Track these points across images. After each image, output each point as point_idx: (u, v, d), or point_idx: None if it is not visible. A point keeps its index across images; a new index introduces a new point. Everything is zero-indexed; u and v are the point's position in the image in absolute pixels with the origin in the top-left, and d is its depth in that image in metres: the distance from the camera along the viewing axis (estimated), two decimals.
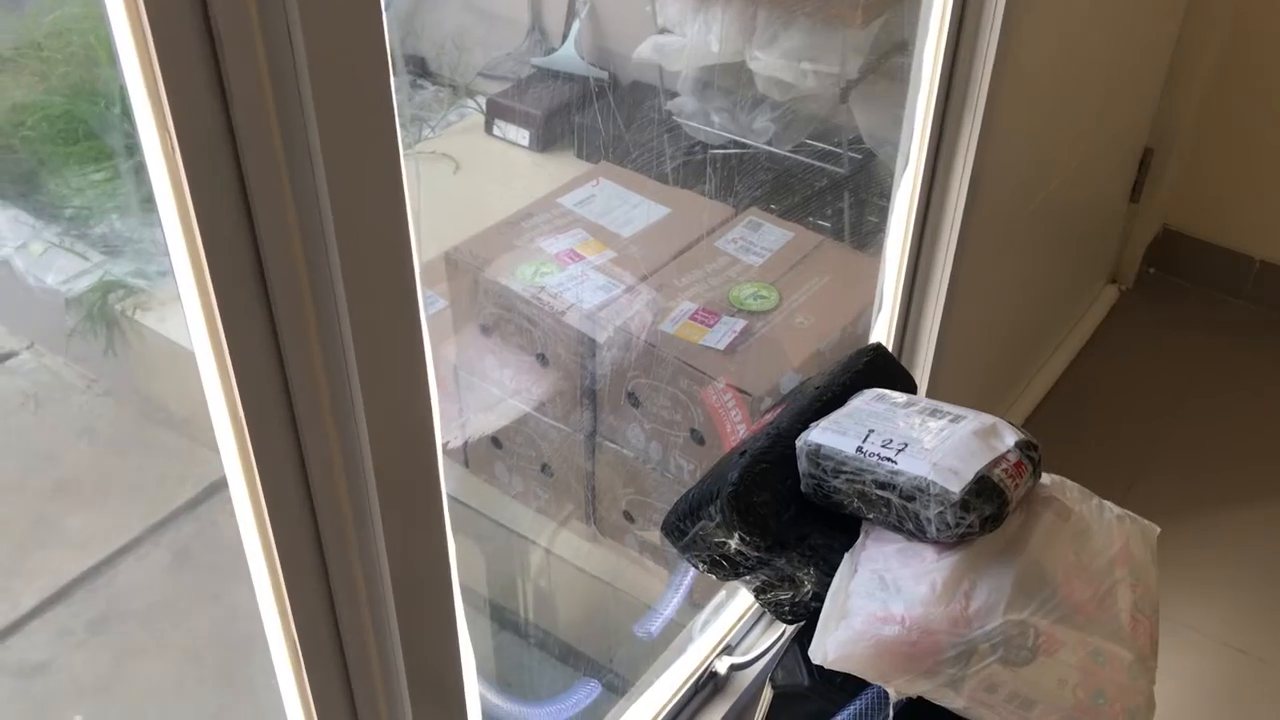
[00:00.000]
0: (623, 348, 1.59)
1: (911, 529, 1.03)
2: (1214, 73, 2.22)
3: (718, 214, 1.81)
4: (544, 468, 1.78)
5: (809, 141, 2.27)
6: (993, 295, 1.78)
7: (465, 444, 1.87)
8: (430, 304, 1.82)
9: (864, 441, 1.06)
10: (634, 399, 1.61)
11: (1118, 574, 1.05)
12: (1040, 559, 1.03)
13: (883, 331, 1.51)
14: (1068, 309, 2.28)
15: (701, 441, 1.55)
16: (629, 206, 1.80)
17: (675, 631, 1.60)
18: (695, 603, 1.63)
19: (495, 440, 1.82)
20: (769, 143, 2.25)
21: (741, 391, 1.48)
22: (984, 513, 0.99)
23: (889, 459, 1.04)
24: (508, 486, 1.86)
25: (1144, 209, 2.35)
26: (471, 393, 1.81)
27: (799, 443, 1.10)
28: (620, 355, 1.60)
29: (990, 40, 1.27)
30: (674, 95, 2.37)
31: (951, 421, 1.07)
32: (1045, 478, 1.09)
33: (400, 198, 0.70)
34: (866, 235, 2.03)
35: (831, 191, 2.21)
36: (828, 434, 1.09)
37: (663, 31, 2.29)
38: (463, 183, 2.56)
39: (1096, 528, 1.08)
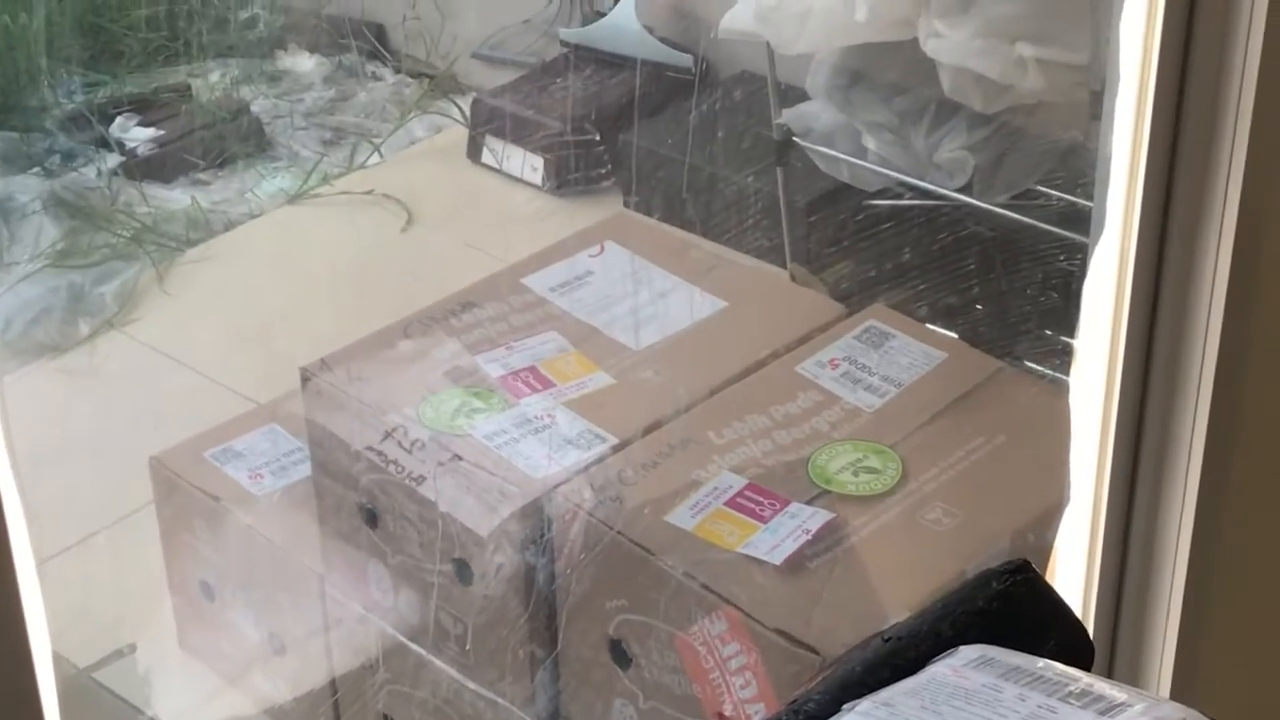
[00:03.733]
0: (601, 557, 1.61)
1: None
2: None
3: (814, 313, 1.84)
4: None
5: (1042, 190, 2.29)
6: None
7: None
8: (293, 464, 1.89)
9: None
10: (620, 652, 1.63)
11: None
12: None
13: (1078, 549, 1.50)
14: None
15: None
16: (652, 295, 1.85)
17: None
18: None
19: None
20: (967, 189, 2.29)
21: (800, 646, 1.48)
22: None
23: None
24: None
25: None
26: (348, 634, 1.85)
27: None
28: (597, 570, 1.61)
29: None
30: (800, 98, 2.44)
31: (1101, 713, 1.05)
32: None
33: None
34: None
35: (1072, 280, 2.22)
36: None
37: None
38: (412, 247, 2.65)
39: None
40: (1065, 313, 2.03)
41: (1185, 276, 1.40)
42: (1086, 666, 1.23)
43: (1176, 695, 1.56)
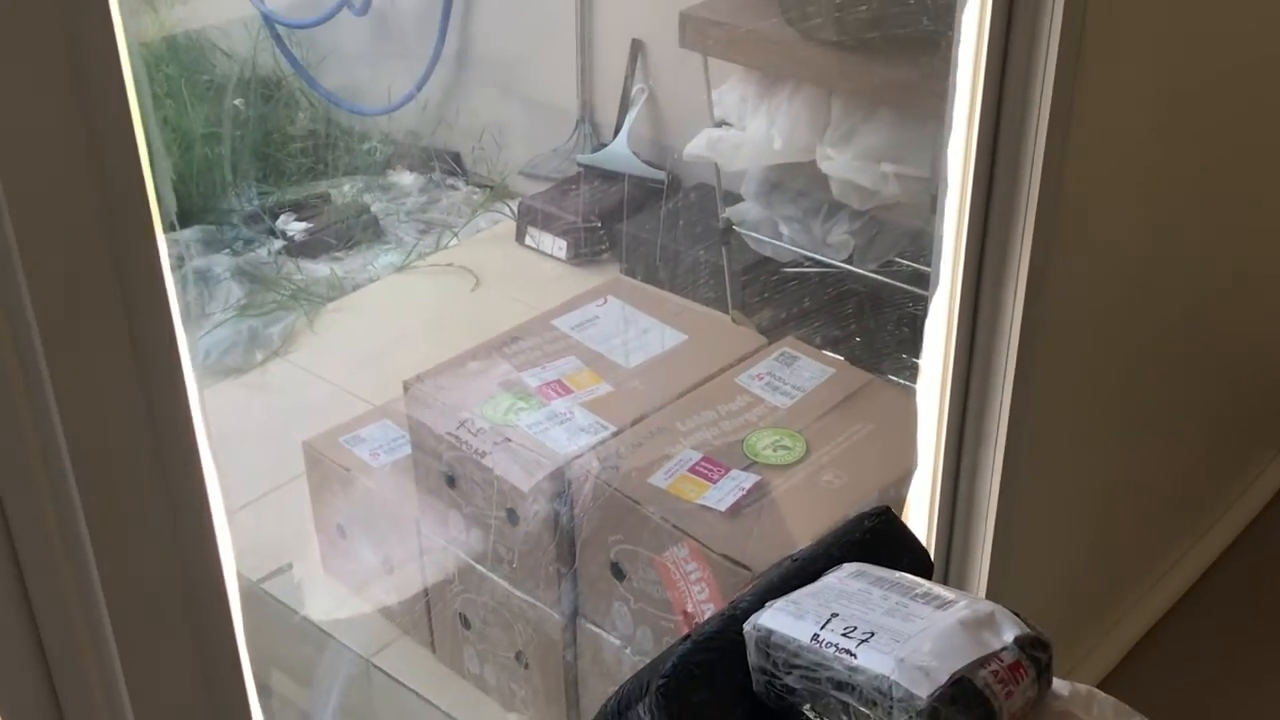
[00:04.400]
0: (604, 506, 1.60)
1: None
2: None
3: (746, 343, 1.83)
4: (518, 656, 1.79)
5: (899, 260, 2.29)
6: (1089, 461, 1.73)
7: (430, 622, 1.89)
8: (397, 446, 1.87)
9: (822, 628, 1.04)
10: (618, 570, 1.61)
11: None
12: None
13: (922, 499, 1.49)
14: (1218, 486, 2.20)
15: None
16: (638, 331, 1.84)
17: None
18: None
19: (464, 619, 1.83)
20: (848, 260, 2.28)
21: (738, 565, 1.47)
22: None
23: (848, 651, 1.01)
24: (480, 680, 1.86)
25: None
26: (436, 559, 1.84)
27: (747, 627, 1.08)
28: (601, 515, 1.60)
29: (1043, 96, 1.28)
30: (736, 200, 2.43)
31: (938, 608, 1.05)
32: (1065, 686, 1.05)
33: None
34: None
35: (917, 320, 2.22)
36: (781, 617, 1.07)
37: (720, 124, 2.35)
38: (480, 302, 2.64)
39: None
40: (913, 342, 2.03)
41: (992, 319, 1.40)
42: (927, 577, 1.23)
43: (989, 596, 1.56)
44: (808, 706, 1.04)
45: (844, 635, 1.03)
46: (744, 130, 2.30)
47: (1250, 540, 2.23)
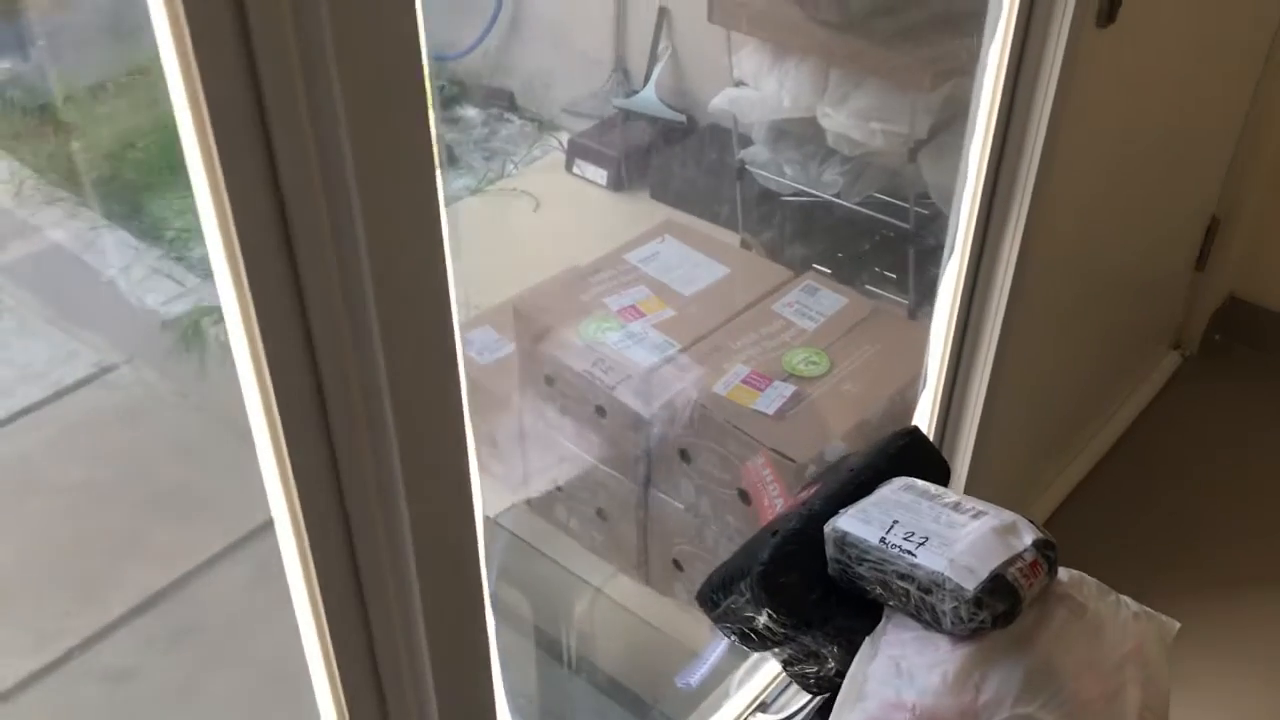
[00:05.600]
0: (677, 406, 1.64)
1: (929, 619, 1.07)
2: None
3: (776, 276, 1.85)
4: (600, 513, 1.85)
5: (877, 195, 2.31)
6: (1041, 369, 1.79)
7: (527, 485, 1.94)
8: (498, 348, 1.90)
9: (888, 533, 1.11)
10: (685, 455, 1.67)
11: (1128, 673, 1.08)
12: (1051, 655, 1.07)
13: (926, 407, 1.54)
14: (1126, 375, 2.28)
15: (748, 501, 1.60)
16: (691, 265, 1.86)
17: (717, 681, 1.65)
18: (737, 653, 1.67)
19: (557, 485, 1.89)
20: (837, 195, 2.30)
21: (785, 458, 1.53)
22: (997, 610, 1.04)
23: (909, 552, 1.08)
24: (566, 527, 1.93)
25: (1210, 277, 2.34)
26: (535, 439, 1.88)
27: (827, 529, 1.15)
28: (674, 413, 1.65)
29: (1043, 114, 1.30)
30: (748, 143, 2.43)
31: (973, 517, 1.11)
32: (1063, 574, 1.13)
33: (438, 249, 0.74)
34: (924, 294, 2.06)
35: (896, 246, 2.25)
36: (854, 522, 1.14)
37: (738, 84, 2.35)
38: (542, 221, 2.64)
39: (1111, 625, 1.11)
40: (885, 259, 2.05)
41: (988, 280, 1.44)
42: (946, 480, 1.29)
43: (972, 465, 1.61)
44: (876, 589, 1.12)
45: (904, 539, 1.10)
46: (759, 90, 2.30)
47: (1153, 409, 2.33)
